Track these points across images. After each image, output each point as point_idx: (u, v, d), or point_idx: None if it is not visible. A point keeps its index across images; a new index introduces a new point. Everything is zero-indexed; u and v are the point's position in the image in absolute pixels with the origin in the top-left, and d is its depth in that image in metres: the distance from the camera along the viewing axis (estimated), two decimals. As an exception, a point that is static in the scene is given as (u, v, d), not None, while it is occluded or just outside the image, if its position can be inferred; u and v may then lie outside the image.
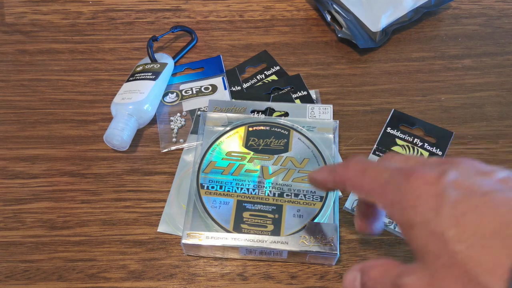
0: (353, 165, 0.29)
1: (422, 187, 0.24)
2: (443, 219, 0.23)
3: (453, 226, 0.22)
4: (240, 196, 0.41)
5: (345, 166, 0.30)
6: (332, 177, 0.31)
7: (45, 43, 0.56)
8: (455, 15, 0.58)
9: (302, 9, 0.59)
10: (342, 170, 0.30)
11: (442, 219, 0.23)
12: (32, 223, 0.43)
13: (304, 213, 0.40)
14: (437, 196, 0.23)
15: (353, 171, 0.29)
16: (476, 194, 0.23)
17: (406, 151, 0.46)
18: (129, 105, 0.46)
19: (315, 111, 0.47)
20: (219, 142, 0.44)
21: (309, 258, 0.39)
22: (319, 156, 0.43)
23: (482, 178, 0.24)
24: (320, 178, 0.32)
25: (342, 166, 0.30)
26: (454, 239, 0.22)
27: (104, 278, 0.40)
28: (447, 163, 0.26)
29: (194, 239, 0.39)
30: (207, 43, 0.55)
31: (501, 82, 0.52)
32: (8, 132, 0.48)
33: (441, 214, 0.23)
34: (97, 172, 0.46)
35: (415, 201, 0.24)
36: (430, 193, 0.24)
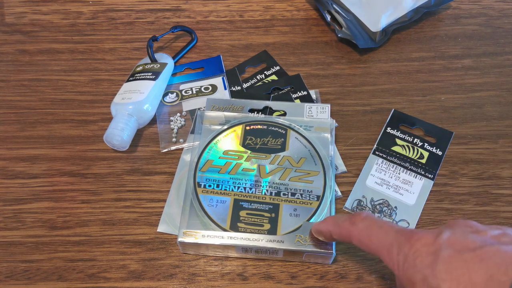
0: (360, 223, 0.32)
1: (421, 248, 0.28)
2: (437, 275, 0.26)
3: (446, 280, 0.25)
4: (237, 195, 0.41)
5: (352, 222, 0.33)
6: (338, 231, 0.34)
7: (45, 43, 0.56)
8: (455, 15, 0.58)
9: (302, 9, 0.59)
10: (349, 226, 0.33)
11: (437, 275, 0.26)
12: (32, 223, 0.43)
13: (300, 212, 0.40)
14: (433, 255, 0.27)
15: (360, 229, 0.32)
16: (468, 250, 0.26)
17: (406, 151, 0.46)
18: (129, 105, 0.46)
19: (312, 110, 0.47)
20: (216, 141, 0.44)
21: (306, 257, 0.39)
22: (316, 155, 0.43)
23: (476, 235, 0.27)
24: (325, 229, 0.35)
25: (349, 222, 0.33)
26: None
27: (104, 278, 0.40)
28: (445, 225, 0.29)
29: (190, 237, 0.39)
30: (207, 43, 0.55)
31: (501, 82, 0.52)
32: (8, 132, 0.48)
33: (436, 270, 0.26)
34: (97, 172, 0.46)
35: (415, 261, 0.27)
36: (427, 252, 0.27)
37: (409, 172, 0.45)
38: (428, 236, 0.28)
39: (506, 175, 0.45)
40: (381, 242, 0.30)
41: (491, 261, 0.25)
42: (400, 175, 0.45)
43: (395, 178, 0.44)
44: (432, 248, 0.27)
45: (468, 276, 0.25)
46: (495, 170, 0.45)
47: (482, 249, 0.25)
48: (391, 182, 0.44)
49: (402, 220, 0.42)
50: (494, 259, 0.25)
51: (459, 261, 0.25)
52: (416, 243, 0.28)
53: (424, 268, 0.27)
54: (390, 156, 0.46)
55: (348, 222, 0.33)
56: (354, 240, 0.32)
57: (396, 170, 0.45)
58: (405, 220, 0.42)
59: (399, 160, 0.45)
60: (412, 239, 0.28)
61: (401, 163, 0.45)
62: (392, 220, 0.42)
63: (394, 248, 0.29)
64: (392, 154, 0.46)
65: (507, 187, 0.44)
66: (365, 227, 0.32)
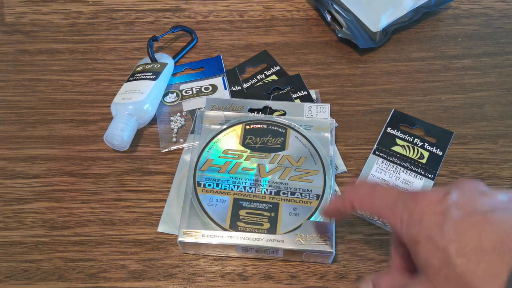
0: (362, 187, 0.32)
1: (428, 206, 0.26)
2: (445, 235, 0.25)
3: (454, 241, 0.24)
4: (237, 194, 0.41)
5: (354, 188, 0.33)
6: (341, 202, 0.33)
7: (45, 43, 0.56)
8: (455, 15, 0.58)
9: (302, 9, 0.59)
10: (351, 192, 0.32)
11: (445, 235, 0.25)
12: (32, 223, 0.43)
13: (300, 212, 0.40)
14: (441, 214, 0.26)
15: (362, 192, 0.32)
16: (476, 213, 0.25)
17: (406, 151, 0.46)
18: (129, 105, 0.46)
19: (312, 110, 0.47)
20: (216, 140, 0.44)
21: (305, 256, 0.39)
22: (316, 154, 0.43)
23: (484, 198, 0.26)
24: (331, 207, 0.35)
25: (351, 189, 0.33)
26: (456, 253, 0.24)
27: (104, 278, 0.40)
28: (452, 185, 0.28)
29: (190, 237, 0.39)
30: (207, 43, 0.55)
31: (501, 82, 0.52)
32: (8, 132, 0.48)
33: (444, 230, 0.25)
34: (97, 172, 0.46)
35: (421, 219, 0.26)
36: (434, 211, 0.26)
37: (409, 172, 0.45)
38: (436, 195, 0.27)
39: (506, 175, 0.45)
40: (384, 201, 0.29)
41: (501, 225, 0.24)
42: (400, 175, 0.45)
43: (395, 178, 0.44)
44: (439, 207, 0.26)
45: (478, 239, 0.24)
46: (495, 170, 0.45)
47: (492, 213, 0.24)
48: (391, 182, 0.44)
49: (402, 220, 0.42)
50: (504, 224, 0.24)
51: (469, 223, 0.25)
52: (422, 200, 0.27)
53: (430, 227, 0.26)
54: (390, 156, 0.46)
55: (350, 190, 0.33)
56: (356, 203, 0.32)
57: (396, 170, 0.45)
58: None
59: (399, 160, 0.45)
60: (418, 197, 0.27)
61: (401, 163, 0.45)
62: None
63: (399, 205, 0.28)
64: (392, 154, 0.46)
65: (507, 187, 0.44)
66: (368, 188, 0.31)
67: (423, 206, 0.27)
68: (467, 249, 0.24)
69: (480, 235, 0.24)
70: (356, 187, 0.32)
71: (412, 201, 0.27)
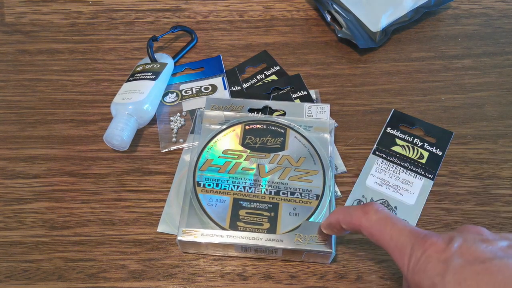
0: (373, 214, 0.32)
1: (433, 254, 0.28)
2: (447, 284, 0.26)
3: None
4: (237, 194, 0.41)
5: (364, 211, 0.33)
6: (348, 219, 0.34)
7: (45, 43, 0.56)
8: (455, 15, 0.58)
9: (302, 9, 0.59)
10: (360, 215, 0.33)
11: (447, 284, 0.26)
12: (32, 223, 0.43)
13: (300, 212, 0.40)
14: (444, 263, 0.27)
15: (372, 221, 0.32)
16: (477, 262, 0.26)
17: (406, 151, 0.46)
18: (129, 105, 0.46)
19: (312, 110, 0.47)
20: (216, 140, 0.44)
21: (305, 256, 0.39)
22: (315, 154, 0.43)
23: (486, 245, 0.28)
24: (334, 220, 0.35)
25: (361, 211, 0.33)
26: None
27: (104, 278, 0.40)
28: (456, 231, 0.30)
29: (189, 236, 0.39)
30: (207, 43, 0.55)
31: (501, 82, 0.52)
32: (8, 132, 0.48)
33: (446, 280, 0.27)
34: (97, 172, 0.46)
35: (426, 267, 0.28)
36: (439, 259, 0.28)
37: (409, 172, 0.45)
38: (441, 242, 0.28)
39: (506, 175, 0.45)
40: (394, 241, 0.30)
41: (499, 275, 0.25)
42: (400, 175, 0.45)
43: (395, 178, 0.44)
44: (443, 255, 0.27)
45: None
46: (495, 170, 0.45)
47: (492, 262, 0.26)
48: (391, 182, 0.44)
49: (402, 220, 0.42)
50: (502, 273, 0.25)
51: (469, 272, 0.26)
52: (429, 248, 0.28)
53: (434, 275, 0.27)
54: (390, 156, 0.46)
55: (360, 211, 0.33)
56: (365, 231, 0.32)
57: (396, 170, 0.45)
58: (405, 220, 0.42)
59: (399, 160, 0.45)
60: (425, 243, 0.29)
61: (401, 163, 0.45)
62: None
63: (407, 250, 0.29)
64: (392, 154, 0.46)
65: (507, 187, 0.44)
66: (378, 220, 0.32)
67: (429, 254, 0.28)
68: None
69: (479, 284, 0.25)
70: (367, 211, 0.32)
71: (419, 247, 0.29)
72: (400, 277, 0.40)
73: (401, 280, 0.39)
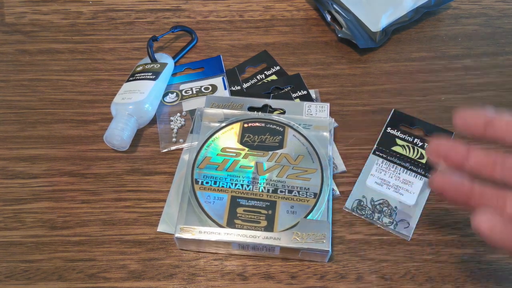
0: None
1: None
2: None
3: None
4: (234, 192, 0.41)
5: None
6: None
7: (45, 43, 0.56)
8: (455, 15, 0.58)
9: (302, 9, 0.59)
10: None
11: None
12: (32, 223, 0.43)
13: (297, 210, 0.40)
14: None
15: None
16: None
17: (406, 151, 0.46)
18: (129, 105, 0.46)
19: (311, 109, 0.47)
20: (215, 138, 0.44)
21: (302, 254, 0.39)
22: (313, 153, 0.43)
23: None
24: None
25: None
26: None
27: (104, 278, 0.40)
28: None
29: (187, 233, 0.39)
30: (207, 43, 0.55)
31: (501, 82, 0.52)
32: (8, 132, 0.48)
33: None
34: (97, 172, 0.46)
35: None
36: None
37: (409, 172, 0.45)
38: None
39: (506, 175, 0.45)
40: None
41: None
42: (400, 175, 0.45)
43: (395, 178, 0.44)
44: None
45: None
46: (495, 170, 0.45)
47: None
48: (391, 182, 0.44)
49: (402, 220, 0.42)
50: None
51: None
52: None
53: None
54: (390, 156, 0.46)
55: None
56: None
57: (396, 170, 0.45)
58: (405, 220, 0.42)
59: (399, 160, 0.45)
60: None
61: (401, 163, 0.45)
62: (392, 220, 0.42)
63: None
64: (392, 154, 0.46)
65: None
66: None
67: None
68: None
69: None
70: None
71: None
72: (400, 277, 0.40)
73: (401, 280, 0.39)
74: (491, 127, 0.31)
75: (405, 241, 0.41)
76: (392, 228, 0.42)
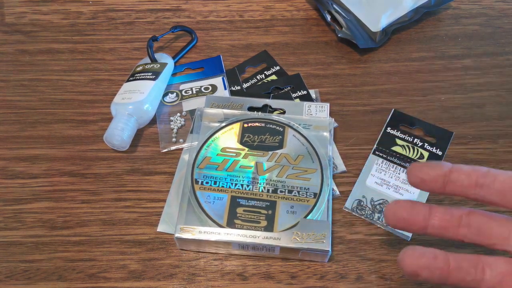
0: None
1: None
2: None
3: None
4: (234, 192, 0.41)
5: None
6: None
7: (45, 43, 0.56)
8: (455, 15, 0.58)
9: (302, 9, 0.59)
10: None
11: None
12: (32, 223, 0.43)
13: (297, 210, 0.40)
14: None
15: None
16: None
17: (406, 151, 0.46)
18: (129, 105, 0.46)
19: (311, 109, 0.47)
20: (214, 138, 0.44)
21: (302, 254, 0.39)
22: (313, 153, 0.43)
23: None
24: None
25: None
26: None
27: (104, 278, 0.40)
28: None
29: (187, 233, 0.39)
30: (207, 43, 0.55)
31: (501, 82, 0.52)
32: (8, 132, 0.48)
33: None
34: (97, 172, 0.46)
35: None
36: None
37: (409, 172, 0.45)
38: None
39: (506, 175, 0.45)
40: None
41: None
42: (400, 175, 0.45)
43: (395, 178, 0.44)
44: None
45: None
46: (495, 170, 0.45)
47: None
48: (391, 182, 0.44)
49: (402, 220, 0.42)
50: None
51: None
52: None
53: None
54: (390, 156, 0.46)
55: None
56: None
57: (396, 170, 0.45)
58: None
59: (399, 160, 0.45)
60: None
61: (401, 163, 0.45)
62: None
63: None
64: (392, 154, 0.46)
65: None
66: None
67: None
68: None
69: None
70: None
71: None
72: (400, 277, 0.40)
73: (401, 280, 0.39)
74: (451, 183, 0.29)
75: (405, 241, 0.41)
76: (392, 228, 0.42)
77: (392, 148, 0.46)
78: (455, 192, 0.29)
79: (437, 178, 0.29)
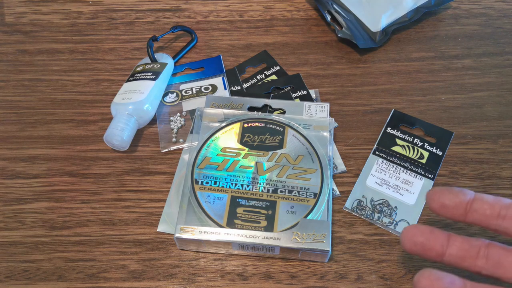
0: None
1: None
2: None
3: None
4: (234, 192, 0.41)
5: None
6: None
7: (45, 43, 0.56)
8: (455, 15, 0.58)
9: (302, 9, 0.59)
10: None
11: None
12: (32, 223, 0.43)
13: (297, 210, 0.40)
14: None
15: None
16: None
17: (406, 151, 0.46)
18: (129, 105, 0.46)
19: (311, 109, 0.47)
20: (214, 138, 0.44)
21: (302, 254, 0.39)
22: (313, 153, 0.43)
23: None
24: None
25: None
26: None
27: (104, 278, 0.40)
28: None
29: (187, 233, 0.39)
30: (207, 43, 0.55)
31: (501, 82, 0.52)
32: (8, 132, 0.48)
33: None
34: (97, 172, 0.46)
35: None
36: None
37: (409, 172, 0.45)
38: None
39: (506, 175, 0.45)
40: None
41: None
42: (400, 175, 0.45)
43: (395, 178, 0.44)
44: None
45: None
46: (495, 170, 0.45)
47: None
48: (391, 182, 0.44)
49: (402, 220, 0.42)
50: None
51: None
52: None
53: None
54: (390, 156, 0.46)
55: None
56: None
57: (396, 170, 0.45)
58: (405, 220, 0.42)
59: (399, 160, 0.45)
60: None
61: (401, 163, 0.45)
62: (392, 220, 0.42)
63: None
64: (392, 154, 0.46)
65: (507, 187, 0.44)
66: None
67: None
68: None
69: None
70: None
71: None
72: (400, 277, 0.40)
73: (401, 280, 0.39)
74: (474, 212, 0.28)
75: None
76: (392, 228, 0.42)
77: (392, 148, 0.46)
78: (476, 221, 0.28)
79: (459, 205, 0.28)
